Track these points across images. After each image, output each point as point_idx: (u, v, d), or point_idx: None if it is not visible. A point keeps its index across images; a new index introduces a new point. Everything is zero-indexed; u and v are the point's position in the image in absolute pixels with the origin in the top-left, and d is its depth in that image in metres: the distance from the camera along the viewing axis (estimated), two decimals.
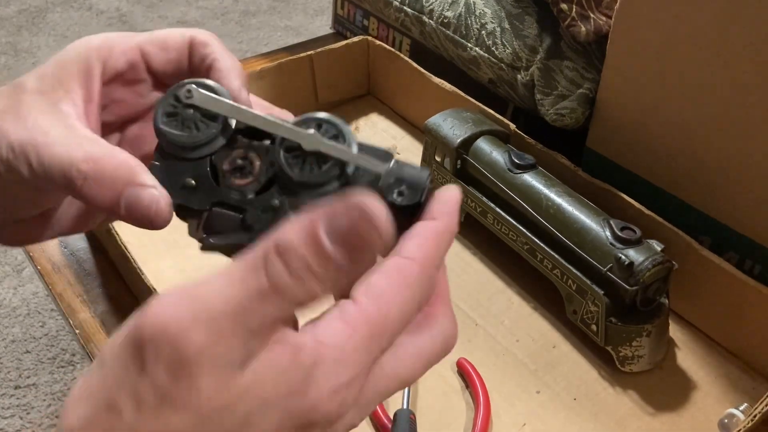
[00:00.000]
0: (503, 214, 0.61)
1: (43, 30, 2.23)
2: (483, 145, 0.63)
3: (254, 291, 0.24)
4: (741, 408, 0.50)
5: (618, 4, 0.58)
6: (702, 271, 0.56)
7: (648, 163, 0.62)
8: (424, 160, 0.69)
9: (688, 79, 0.56)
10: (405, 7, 0.80)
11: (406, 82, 0.79)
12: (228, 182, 0.32)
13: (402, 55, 0.79)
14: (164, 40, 0.35)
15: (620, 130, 0.63)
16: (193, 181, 0.32)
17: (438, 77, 0.75)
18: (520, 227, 0.60)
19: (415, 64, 0.77)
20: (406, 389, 0.52)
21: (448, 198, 0.30)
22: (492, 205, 0.62)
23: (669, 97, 0.58)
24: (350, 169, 0.31)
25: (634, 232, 0.53)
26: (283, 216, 0.32)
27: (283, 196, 0.32)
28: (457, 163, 0.64)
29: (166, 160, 0.33)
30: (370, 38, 0.82)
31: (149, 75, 0.36)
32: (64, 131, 0.31)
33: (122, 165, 0.31)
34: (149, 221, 0.31)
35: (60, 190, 0.31)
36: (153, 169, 0.32)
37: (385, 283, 0.26)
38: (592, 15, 0.63)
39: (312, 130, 0.31)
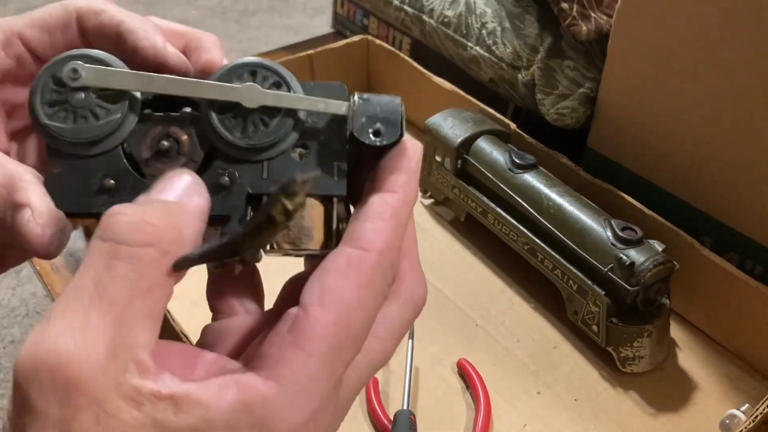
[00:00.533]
0: (504, 214, 0.61)
1: None
2: (483, 144, 0.63)
3: (103, 262, 0.21)
4: (742, 409, 0.50)
5: (619, 3, 0.58)
6: (703, 271, 0.55)
7: (649, 163, 0.62)
8: (424, 159, 0.69)
9: (689, 78, 0.56)
10: (405, 6, 0.80)
11: (406, 82, 0.79)
12: (156, 172, 0.26)
13: (402, 55, 0.78)
14: (44, 20, 0.29)
15: (621, 130, 0.63)
16: (111, 181, 0.26)
17: (438, 77, 0.75)
18: (521, 227, 0.59)
19: (415, 64, 0.77)
20: (407, 390, 0.52)
21: (407, 162, 0.26)
22: (492, 205, 0.62)
23: (670, 96, 0.58)
24: (302, 115, 0.27)
25: (635, 232, 0.53)
26: (240, 192, 0.26)
27: (231, 168, 0.26)
28: (458, 162, 0.64)
29: (66, 162, 0.26)
30: (370, 37, 0.82)
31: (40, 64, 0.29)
32: None
33: (5, 182, 0.25)
34: (32, 250, 0.25)
35: None
36: (51, 180, 0.26)
37: (342, 285, 0.23)
38: (592, 14, 0.63)
39: (249, 83, 0.26)
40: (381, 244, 0.24)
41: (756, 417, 0.46)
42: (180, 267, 0.23)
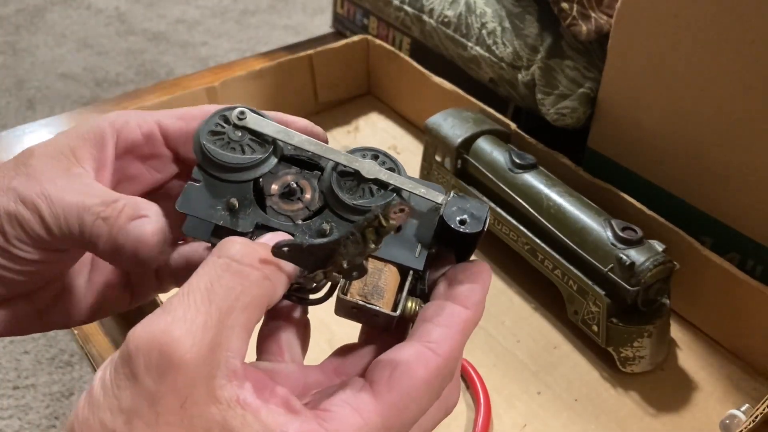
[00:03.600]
0: (504, 214, 0.61)
1: (42, 29, 2.23)
2: (483, 144, 0.63)
3: (216, 272, 0.25)
4: (742, 409, 0.50)
5: (619, 3, 0.58)
6: (703, 271, 0.55)
7: (649, 163, 0.62)
8: (424, 159, 0.68)
9: (689, 78, 0.56)
10: (405, 6, 0.80)
11: (406, 82, 0.79)
12: (276, 207, 0.32)
13: (402, 55, 0.78)
14: (183, 112, 0.35)
15: (621, 130, 0.63)
16: (236, 203, 0.31)
17: (438, 76, 0.75)
18: (521, 227, 0.59)
19: (415, 64, 0.77)
20: None
21: (483, 283, 0.30)
22: (492, 204, 0.62)
23: (670, 96, 0.58)
24: (405, 196, 0.32)
25: (636, 232, 0.53)
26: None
27: (335, 222, 0.31)
28: (458, 162, 0.64)
29: (207, 179, 0.32)
30: (370, 37, 0.82)
31: (168, 150, 0.35)
32: (80, 186, 0.31)
33: (130, 203, 0.30)
34: (140, 249, 0.30)
35: (70, 240, 0.31)
36: (190, 189, 0.31)
37: (408, 376, 0.26)
38: (593, 14, 0.63)
39: (370, 160, 0.32)
40: (448, 351, 0.27)
41: (756, 417, 0.46)
42: (277, 253, 0.26)
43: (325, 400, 0.26)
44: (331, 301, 0.31)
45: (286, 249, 0.27)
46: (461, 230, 0.30)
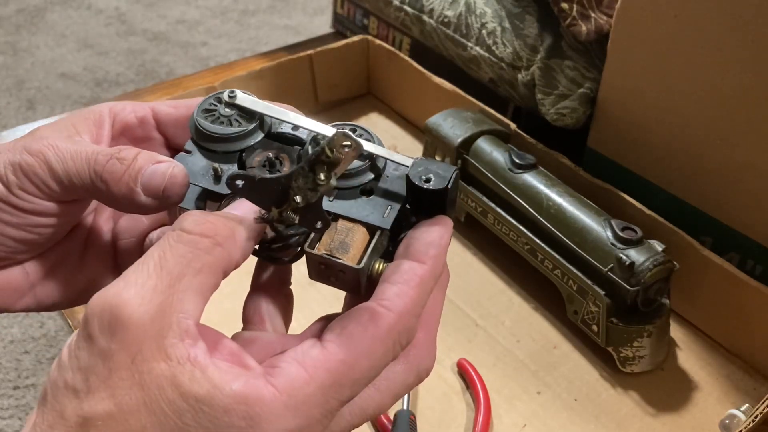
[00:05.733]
0: (504, 214, 0.61)
1: (42, 29, 2.23)
2: (483, 144, 0.63)
3: (169, 243, 0.26)
4: (742, 408, 0.50)
5: (619, 3, 0.58)
6: (703, 271, 0.55)
7: (649, 163, 0.62)
8: None
9: (689, 78, 0.56)
10: (405, 6, 0.80)
11: (406, 82, 0.79)
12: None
13: (402, 55, 0.78)
14: (177, 102, 0.37)
15: (621, 130, 0.63)
16: (219, 168, 0.33)
17: (438, 77, 0.75)
18: (521, 227, 0.59)
19: (415, 64, 0.77)
20: None
21: (439, 237, 0.30)
22: (492, 205, 0.62)
23: (670, 96, 0.58)
24: (379, 163, 0.33)
25: (635, 232, 0.53)
26: None
27: None
28: (458, 162, 0.64)
29: (198, 149, 0.34)
30: (370, 38, 0.82)
31: (159, 134, 0.37)
32: (85, 143, 0.33)
33: (144, 152, 0.32)
34: (161, 190, 0.31)
35: (78, 187, 0.32)
36: (180, 158, 0.34)
37: (359, 332, 0.26)
38: (592, 14, 0.63)
39: (343, 130, 0.33)
40: (402, 308, 0.27)
41: (756, 417, 0.46)
42: (231, 185, 0.28)
43: (277, 356, 0.27)
44: (321, 288, 0.32)
45: (239, 182, 0.28)
46: (425, 187, 0.31)
